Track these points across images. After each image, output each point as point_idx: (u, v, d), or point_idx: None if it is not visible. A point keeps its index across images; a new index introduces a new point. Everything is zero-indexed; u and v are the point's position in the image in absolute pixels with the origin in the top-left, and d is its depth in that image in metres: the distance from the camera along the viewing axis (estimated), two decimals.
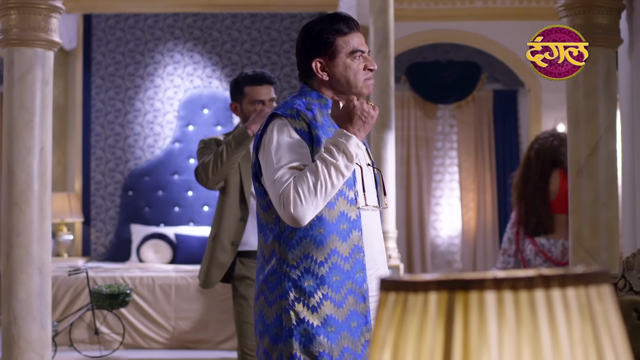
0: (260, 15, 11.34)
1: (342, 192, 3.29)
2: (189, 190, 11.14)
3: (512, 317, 1.30)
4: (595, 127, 5.34)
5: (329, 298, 3.25)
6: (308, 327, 3.23)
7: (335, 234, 3.26)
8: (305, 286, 3.25)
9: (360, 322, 3.33)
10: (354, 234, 3.30)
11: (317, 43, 3.37)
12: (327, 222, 3.26)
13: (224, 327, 8.92)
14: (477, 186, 11.76)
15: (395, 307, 1.39)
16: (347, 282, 3.29)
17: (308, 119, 3.29)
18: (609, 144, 5.37)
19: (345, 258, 3.28)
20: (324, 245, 3.25)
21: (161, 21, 11.32)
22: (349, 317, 3.29)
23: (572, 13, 5.34)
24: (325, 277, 3.25)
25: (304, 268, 3.25)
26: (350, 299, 3.30)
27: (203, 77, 11.29)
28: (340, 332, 3.27)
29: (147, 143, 11.22)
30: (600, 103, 5.34)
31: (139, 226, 10.91)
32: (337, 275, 3.26)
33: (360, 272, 3.32)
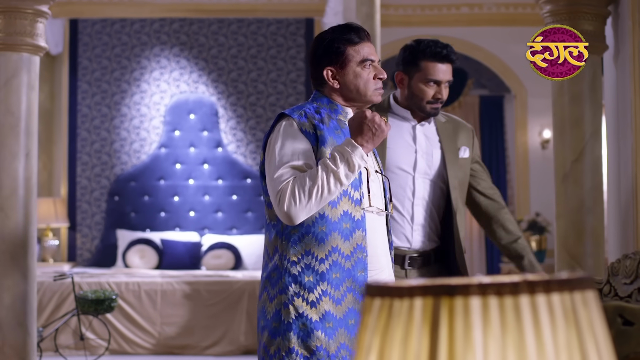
0: (246, 20, 11.34)
1: (346, 192, 3.35)
2: (175, 196, 11.14)
3: (497, 322, 1.30)
4: (581, 132, 5.36)
5: (328, 294, 3.31)
6: (307, 321, 3.29)
7: (337, 232, 3.33)
8: (305, 282, 3.31)
9: (358, 320, 3.37)
10: (358, 233, 3.36)
11: (328, 52, 3.47)
12: (330, 220, 3.32)
13: (210, 333, 8.92)
14: None
15: (380, 312, 1.39)
16: (347, 280, 3.34)
17: (315, 120, 3.38)
18: (595, 150, 5.39)
19: (346, 256, 3.34)
20: (325, 243, 3.31)
21: (147, 26, 11.32)
22: (347, 314, 3.34)
23: (558, 19, 5.36)
24: (325, 274, 3.31)
25: (305, 264, 3.31)
26: (349, 296, 3.35)
27: (189, 82, 11.29)
28: (337, 328, 3.32)
29: (133, 148, 11.21)
30: (586, 109, 5.36)
31: (124, 231, 10.90)
32: (337, 273, 3.32)
33: (361, 271, 3.37)
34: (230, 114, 11.29)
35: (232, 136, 11.27)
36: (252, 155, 11.25)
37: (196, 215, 11.13)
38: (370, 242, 3.41)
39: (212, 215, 11.16)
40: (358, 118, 3.27)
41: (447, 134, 4.18)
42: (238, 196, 11.18)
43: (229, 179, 11.19)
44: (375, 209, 3.45)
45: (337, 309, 3.32)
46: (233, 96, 11.30)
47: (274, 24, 11.34)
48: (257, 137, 11.24)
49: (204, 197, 11.17)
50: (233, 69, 11.31)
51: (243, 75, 11.33)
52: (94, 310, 7.84)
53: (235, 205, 11.18)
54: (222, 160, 11.21)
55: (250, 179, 11.15)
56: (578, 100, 5.35)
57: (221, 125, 11.26)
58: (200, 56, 11.33)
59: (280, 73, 11.31)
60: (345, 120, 3.47)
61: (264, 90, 11.32)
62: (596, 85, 5.41)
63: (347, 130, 3.42)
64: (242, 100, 11.30)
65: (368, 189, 3.42)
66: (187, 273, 9.76)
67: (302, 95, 11.24)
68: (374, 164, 3.53)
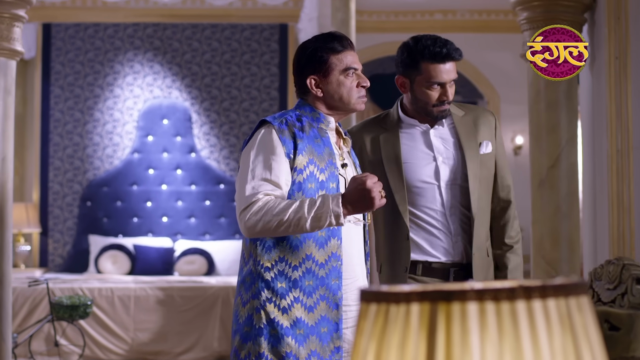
0: (220, 25, 11.33)
1: None
2: (147, 201, 11.10)
3: (494, 327, 1.31)
4: (557, 139, 5.39)
5: (300, 301, 3.33)
6: (277, 327, 3.31)
7: (311, 240, 3.35)
8: (277, 288, 3.32)
9: (330, 329, 3.39)
10: (333, 242, 3.38)
11: (311, 61, 3.47)
12: None
13: (183, 339, 8.89)
14: None
15: (376, 318, 1.39)
16: (321, 288, 3.36)
17: (295, 128, 3.40)
18: (571, 156, 5.42)
19: (320, 264, 3.36)
20: (299, 250, 3.34)
21: (121, 31, 11.28)
22: (319, 322, 3.36)
23: (534, 26, 5.39)
24: (298, 281, 3.33)
25: (278, 270, 3.33)
26: (322, 304, 3.37)
27: (163, 88, 11.26)
28: (308, 335, 3.34)
29: (106, 153, 11.16)
30: (562, 115, 5.40)
31: (97, 237, 10.84)
32: (310, 280, 3.34)
33: (335, 279, 3.38)
34: (203, 119, 11.26)
35: (206, 141, 11.25)
36: (225, 161, 11.23)
37: (169, 221, 11.09)
38: (345, 251, 3.43)
39: (185, 221, 11.13)
40: (358, 183, 3.22)
41: (467, 129, 3.87)
42: (211, 202, 11.15)
43: (202, 185, 11.16)
44: (352, 219, 3.45)
45: (309, 316, 3.34)
46: (207, 101, 11.28)
47: (248, 30, 11.33)
48: (231, 142, 11.22)
49: (177, 203, 11.14)
50: (207, 74, 11.29)
51: (217, 80, 11.31)
52: (69, 316, 7.80)
53: (209, 210, 11.15)
54: (196, 165, 11.18)
55: (223, 185, 11.13)
56: (554, 106, 5.39)
57: (194, 130, 11.24)
58: (173, 61, 11.30)
59: (254, 78, 11.30)
60: (326, 129, 3.48)
61: (237, 96, 11.30)
62: (572, 92, 5.45)
63: (326, 140, 3.45)
64: (216, 106, 11.28)
65: None
66: (160, 279, 9.73)
67: (276, 101, 11.23)
68: (353, 173, 3.55)
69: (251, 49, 11.32)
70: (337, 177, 3.42)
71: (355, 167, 3.60)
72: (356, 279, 3.48)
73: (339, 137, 3.58)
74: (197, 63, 11.32)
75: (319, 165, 3.38)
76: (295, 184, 3.35)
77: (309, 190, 3.34)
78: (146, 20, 11.24)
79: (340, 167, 3.47)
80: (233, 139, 11.22)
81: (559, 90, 5.39)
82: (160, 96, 11.24)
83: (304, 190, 3.34)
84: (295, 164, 3.34)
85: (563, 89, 5.40)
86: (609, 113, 5.25)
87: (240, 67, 11.33)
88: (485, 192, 3.87)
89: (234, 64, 11.33)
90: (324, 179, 3.38)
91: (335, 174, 3.42)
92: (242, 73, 11.32)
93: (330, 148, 3.45)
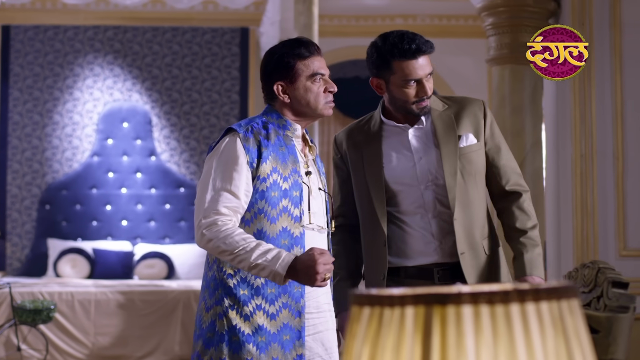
0: (181, 29, 11.30)
1: (286, 208, 3.38)
2: (107, 205, 11.03)
3: (489, 330, 1.32)
4: (522, 143, 5.44)
5: (262, 309, 3.34)
6: (239, 334, 3.31)
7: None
8: (240, 295, 3.33)
9: (293, 336, 3.39)
10: (296, 250, 3.37)
11: (278, 67, 3.47)
12: (268, 236, 3.34)
13: (144, 343, 8.85)
14: None
15: (370, 321, 1.40)
16: (283, 296, 3.37)
17: (260, 136, 3.40)
18: (535, 160, 5.47)
19: None
20: None
21: (81, 33, 11.21)
22: (281, 329, 3.36)
23: (499, 32, 5.44)
24: (261, 289, 3.34)
25: (241, 277, 3.34)
26: (284, 312, 3.37)
27: (123, 91, 11.20)
28: (270, 342, 3.34)
29: (65, 156, 11.08)
30: (527, 120, 5.44)
31: (56, 240, 10.77)
32: (272, 288, 3.35)
33: (298, 287, 3.39)
34: (164, 122, 11.22)
35: (166, 145, 11.21)
36: (185, 164, 11.19)
37: (129, 225, 11.04)
38: None
39: (145, 225, 11.08)
40: (310, 257, 3.21)
41: (445, 124, 3.71)
42: (171, 205, 11.11)
43: (162, 188, 11.12)
44: (316, 227, 3.47)
45: (272, 323, 3.35)
46: (167, 105, 11.24)
47: (209, 33, 11.31)
48: (191, 145, 11.19)
49: (137, 206, 11.09)
50: (167, 78, 11.25)
51: (177, 83, 11.27)
52: (32, 321, 7.74)
53: (168, 214, 11.11)
54: (156, 169, 11.13)
55: (183, 188, 11.10)
56: (519, 111, 5.43)
57: (155, 133, 11.19)
58: (134, 64, 11.25)
59: (215, 82, 11.28)
60: (292, 136, 3.48)
61: (198, 99, 11.27)
62: (536, 97, 5.49)
63: (291, 147, 3.46)
64: (176, 109, 11.24)
65: (309, 206, 3.44)
66: (121, 283, 9.68)
67: (237, 105, 11.21)
68: (317, 181, 3.55)
69: (212, 53, 11.30)
70: (300, 186, 3.43)
71: (320, 175, 3.59)
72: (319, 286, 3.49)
73: (305, 144, 3.56)
74: (158, 66, 11.28)
75: (283, 173, 3.39)
76: (258, 192, 3.35)
77: (272, 199, 3.35)
78: (107, 23, 11.18)
79: (305, 175, 3.47)
80: (193, 143, 11.18)
81: (524, 95, 5.44)
82: (120, 99, 11.18)
83: (267, 198, 3.34)
84: (259, 172, 3.35)
85: (528, 94, 5.45)
86: (573, 118, 5.31)
87: (201, 71, 11.30)
88: (473, 187, 3.68)
89: (194, 68, 11.30)
90: (287, 187, 3.39)
91: (299, 183, 3.42)
92: (202, 76, 11.30)
93: (295, 156, 3.45)
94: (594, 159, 5.28)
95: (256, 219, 3.35)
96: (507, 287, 1.34)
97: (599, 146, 5.29)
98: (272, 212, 3.35)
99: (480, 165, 3.70)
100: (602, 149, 5.30)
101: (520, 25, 5.37)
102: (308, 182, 3.45)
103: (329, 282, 3.53)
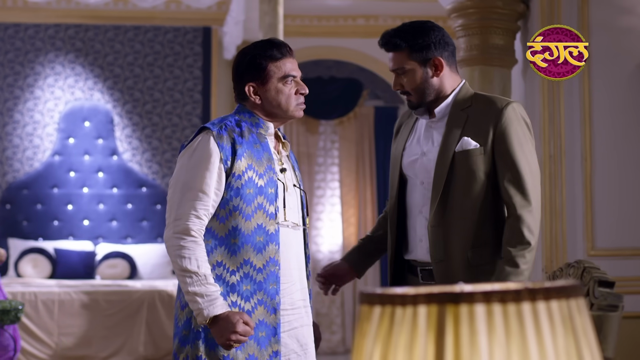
0: (143, 27, 11.24)
1: (261, 205, 3.41)
2: (68, 204, 10.95)
3: (501, 329, 1.34)
4: None
5: (238, 306, 3.35)
6: None
7: (249, 244, 3.38)
8: None
9: (268, 333, 3.42)
10: (271, 247, 3.40)
11: (250, 68, 3.49)
12: (243, 233, 3.37)
13: (108, 343, 8.80)
14: (357, 201, 11.89)
15: (381, 320, 1.41)
16: (258, 293, 3.39)
17: (234, 134, 3.42)
18: None
19: (258, 269, 3.38)
20: (237, 255, 3.37)
21: (42, 32, 11.12)
22: (257, 326, 3.38)
23: (469, 33, 5.48)
24: (236, 285, 3.36)
25: (216, 275, 3.36)
26: (260, 309, 3.39)
27: (84, 89, 11.12)
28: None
29: (26, 155, 10.98)
30: None
31: (17, 240, 10.67)
32: (247, 285, 3.37)
33: (273, 284, 3.42)
34: (126, 121, 11.16)
35: (128, 144, 11.15)
36: (147, 164, 11.14)
37: (90, 224, 10.97)
38: (283, 256, 3.46)
39: (107, 224, 11.02)
40: (232, 320, 3.24)
41: (454, 123, 3.61)
42: (133, 205, 11.06)
43: (124, 188, 11.06)
44: (291, 223, 3.50)
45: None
46: (129, 104, 11.18)
47: (171, 32, 11.27)
48: (153, 145, 11.14)
49: (99, 206, 11.02)
50: (129, 77, 11.20)
51: (139, 83, 11.22)
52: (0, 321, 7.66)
53: (130, 214, 11.06)
54: (117, 168, 11.07)
55: (145, 188, 11.05)
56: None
57: (116, 133, 11.13)
58: (95, 63, 11.18)
59: (177, 81, 11.24)
60: (265, 134, 3.51)
61: (160, 99, 11.23)
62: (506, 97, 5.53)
63: (265, 145, 3.49)
64: (138, 108, 11.19)
65: (284, 203, 3.47)
66: (85, 283, 9.62)
67: (199, 104, 11.18)
68: (292, 177, 3.58)
69: (174, 52, 11.26)
70: (275, 183, 3.45)
71: (295, 171, 3.63)
72: (293, 283, 3.52)
73: (278, 141, 3.59)
74: (120, 65, 11.21)
75: (258, 170, 3.42)
76: (233, 189, 3.38)
77: (247, 196, 3.38)
78: (68, 22, 11.09)
79: (279, 172, 3.50)
80: (155, 142, 11.14)
81: None
82: (81, 98, 11.10)
83: (242, 195, 3.37)
84: (234, 170, 3.38)
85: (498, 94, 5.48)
86: (542, 119, 5.36)
87: (163, 70, 11.26)
88: (462, 193, 3.55)
89: (156, 67, 11.25)
90: (262, 184, 3.42)
91: (274, 180, 3.45)
92: (164, 76, 11.25)
93: (269, 153, 3.49)
94: (563, 159, 5.34)
95: (231, 216, 3.38)
96: (519, 286, 1.36)
97: (568, 147, 5.35)
98: (247, 209, 3.38)
99: (478, 173, 3.55)
100: (571, 149, 5.36)
101: (489, 26, 5.41)
102: (283, 179, 3.48)
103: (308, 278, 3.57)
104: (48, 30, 11.13)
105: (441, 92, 3.63)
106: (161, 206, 11.02)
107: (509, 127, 3.50)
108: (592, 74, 5.35)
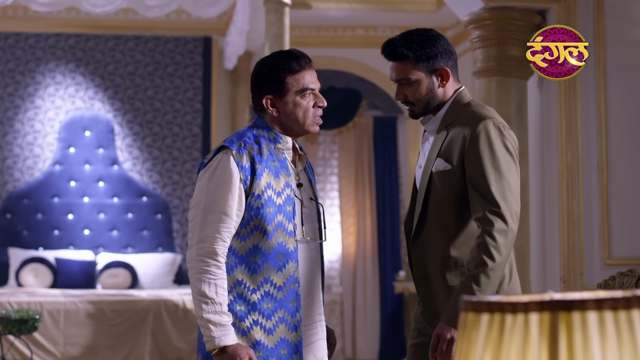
0: (144, 37, 11.26)
1: (281, 224, 3.38)
2: (69, 214, 10.94)
3: (613, 335, 1.37)
4: None
5: (259, 324, 3.34)
6: None
7: (270, 263, 3.35)
8: (237, 310, 3.33)
9: (290, 350, 3.40)
10: (290, 264, 3.39)
11: (268, 80, 3.44)
12: (263, 252, 3.35)
13: (114, 353, 8.80)
14: (357, 211, 11.92)
15: (490, 327, 1.45)
16: (280, 311, 3.38)
17: (254, 152, 3.38)
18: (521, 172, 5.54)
19: (279, 287, 3.37)
20: (258, 274, 3.35)
21: (43, 41, 11.12)
22: (278, 344, 3.37)
23: (486, 45, 5.51)
24: (257, 304, 3.34)
25: (237, 293, 3.34)
26: (281, 327, 3.38)
27: (85, 99, 11.13)
28: (268, 357, 3.35)
29: (26, 165, 10.97)
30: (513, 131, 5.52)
31: (17, 250, 10.65)
32: (269, 303, 3.36)
33: (293, 302, 3.41)
34: (126, 131, 11.17)
35: (128, 154, 11.16)
36: (148, 173, 11.15)
37: (91, 234, 10.96)
38: (302, 273, 3.45)
39: (107, 234, 11.01)
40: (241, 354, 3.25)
41: (438, 141, 3.58)
42: (133, 214, 11.06)
43: (124, 197, 11.06)
44: (308, 239, 3.48)
45: (269, 338, 3.35)
46: (129, 113, 11.19)
47: (172, 42, 11.29)
48: (154, 154, 11.15)
49: (99, 215, 11.02)
50: (130, 86, 11.21)
51: (140, 92, 11.23)
52: (17, 330, 7.64)
53: (131, 223, 11.06)
54: (118, 178, 11.07)
55: (146, 197, 11.05)
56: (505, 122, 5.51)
57: (117, 142, 11.14)
58: (96, 72, 11.19)
59: (178, 91, 11.26)
60: (283, 149, 3.47)
61: (160, 108, 11.24)
62: (522, 108, 5.58)
63: (283, 161, 3.45)
64: (139, 118, 11.20)
65: (302, 220, 3.45)
66: (90, 292, 9.60)
67: (199, 114, 11.20)
68: (309, 191, 3.56)
69: (175, 62, 11.28)
70: (292, 200, 3.42)
71: (311, 184, 3.59)
72: (311, 299, 3.51)
73: (295, 153, 3.56)
74: (120, 75, 11.23)
75: (276, 189, 3.38)
76: (253, 209, 3.34)
77: (268, 215, 3.35)
78: (68, 31, 11.10)
79: (296, 188, 3.47)
80: (156, 152, 11.15)
81: (510, 106, 5.52)
82: (82, 107, 11.10)
83: (262, 215, 3.34)
84: (253, 189, 3.34)
85: (514, 106, 5.53)
86: (559, 130, 5.41)
87: (164, 80, 11.27)
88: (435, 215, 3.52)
89: (157, 76, 11.27)
90: (281, 202, 3.38)
91: (291, 197, 3.42)
92: (165, 85, 11.27)
93: (287, 169, 3.45)
94: (580, 170, 5.38)
95: (252, 235, 3.35)
96: (628, 294, 1.40)
97: (584, 158, 5.39)
98: (268, 227, 3.35)
99: (449, 194, 3.49)
100: (587, 160, 5.40)
101: (506, 38, 5.46)
102: (300, 195, 3.46)
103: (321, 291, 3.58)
104: (49, 39, 11.14)
105: (444, 101, 3.60)
106: (161, 216, 11.03)
107: (475, 144, 3.43)
108: (608, 85, 5.40)
